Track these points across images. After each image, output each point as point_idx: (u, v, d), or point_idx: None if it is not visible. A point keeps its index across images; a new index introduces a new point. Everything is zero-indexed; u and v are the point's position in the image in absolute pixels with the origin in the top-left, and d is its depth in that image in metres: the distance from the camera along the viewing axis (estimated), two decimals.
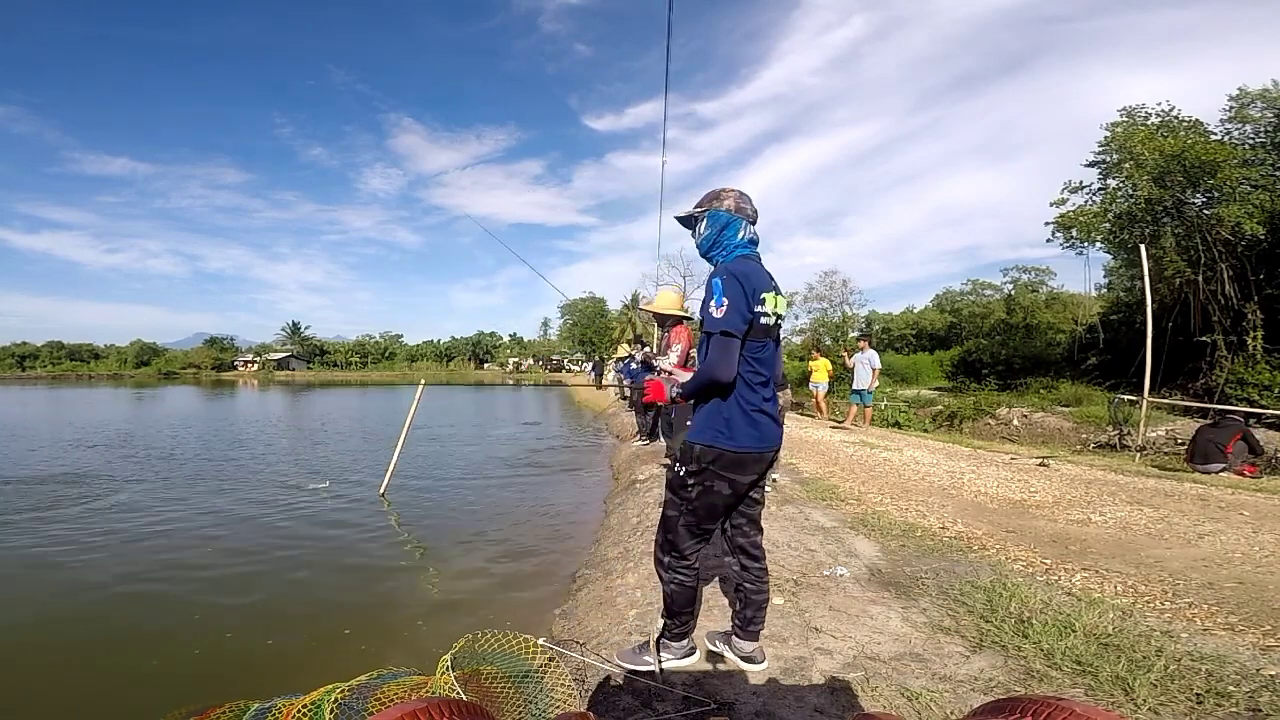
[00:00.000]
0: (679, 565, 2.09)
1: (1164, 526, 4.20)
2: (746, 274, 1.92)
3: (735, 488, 2.00)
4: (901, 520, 4.32)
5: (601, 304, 58.38)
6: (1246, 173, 14.26)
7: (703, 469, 1.97)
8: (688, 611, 2.19)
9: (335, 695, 1.80)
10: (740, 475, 1.98)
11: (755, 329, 1.93)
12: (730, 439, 1.93)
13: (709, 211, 2.07)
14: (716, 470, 1.96)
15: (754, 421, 1.95)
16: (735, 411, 1.94)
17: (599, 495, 6.87)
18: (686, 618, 2.21)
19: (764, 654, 2.26)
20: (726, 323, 1.85)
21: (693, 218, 2.13)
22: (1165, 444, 9.92)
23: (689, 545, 2.07)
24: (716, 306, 1.86)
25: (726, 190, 2.09)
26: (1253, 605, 2.73)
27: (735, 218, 2.05)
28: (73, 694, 2.83)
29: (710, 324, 1.89)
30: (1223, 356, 14.86)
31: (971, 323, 36.00)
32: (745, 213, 2.06)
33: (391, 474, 6.92)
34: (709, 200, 2.09)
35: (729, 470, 1.96)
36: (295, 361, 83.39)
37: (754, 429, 1.95)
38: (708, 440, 1.96)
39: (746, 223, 2.06)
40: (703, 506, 2.01)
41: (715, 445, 1.95)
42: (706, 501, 2.00)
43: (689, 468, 2.00)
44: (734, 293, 1.86)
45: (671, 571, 2.10)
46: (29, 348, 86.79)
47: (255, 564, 4.59)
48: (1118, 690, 1.99)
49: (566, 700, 2.04)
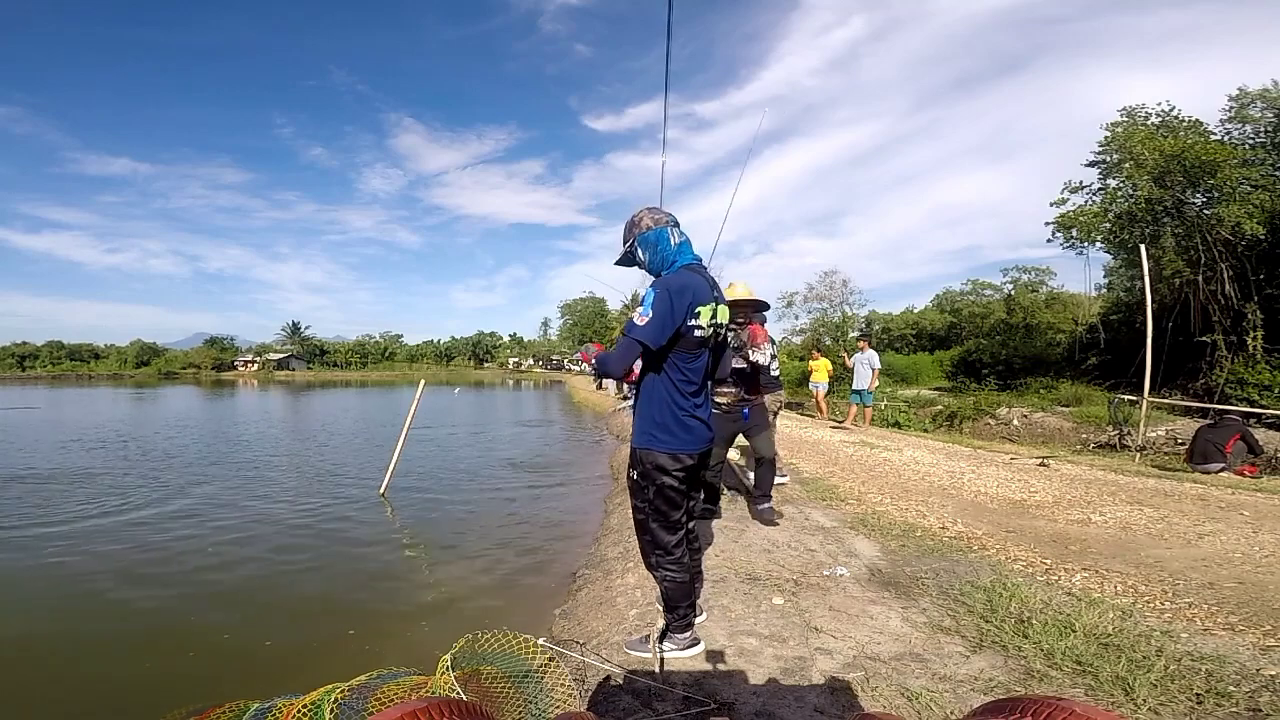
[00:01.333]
0: (666, 561, 2.25)
1: (1164, 526, 4.20)
2: (683, 288, 2.04)
3: (681, 479, 2.19)
4: (901, 520, 4.32)
5: (601, 304, 58.35)
6: (1246, 173, 14.26)
7: (647, 469, 2.16)
8: (686, 604, 2.32)
9: (335, 695, 1.81)
10: (681, 470, 2.17)
11: (687, 341, 2.08)
12: (664, 442, 2.13)
13: (637, 239, 2.20)
14: (659, 467, 2.15)
15: (686, 426, 2.14)
16: (669, 417, 2.13)
17: (599, 495, 6.87)
18: (685, 610, 2.33)
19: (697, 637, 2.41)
20: (642, 333, 2.01)
21: (630, 254, 2.25)
22: (1165, 444, 9.92)
23: (667, 538, 2.24)
24: (641, 315, 2.02)
25: (637, 214, 2.22)
26: (1253, 605, 2.73)
27: (658, 229, 2.17)
28: (73, 694, 2.83)
29: (630, 328, 2.05)
30: (1223, 356, 14.85)
31: (971, 323, 36.00)
32: (662, 220, 2.18)
33: (391, 473, 6.92)
34: (629, 230, 2.23)
35: (670, 466, 2.15)
36: (295, 361, 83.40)
37: (686, 433, 2.15)
38: (646, 444, 2.16)
39: (670, 227, 2.18)
40: (661, 501, 2.19)
41: (652, 449, 2.15)
42: (663, 496, 2.19)
43: (638, 470, 2.19)
44: (663, 308, 2.00)
45: (662, 569, 2.26)
46: (29, 348, 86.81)
47: (255, 564, 4.59)
48: (1118, 690, 1.99)
49: (566, 700, 2.04)
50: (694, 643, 2.36)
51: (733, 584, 3.09)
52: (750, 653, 2.36)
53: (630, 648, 2.42)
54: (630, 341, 2.03)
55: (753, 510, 4.39)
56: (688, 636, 2.35)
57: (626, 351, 2.05)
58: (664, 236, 2.16)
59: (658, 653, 2.31)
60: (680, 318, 2.03)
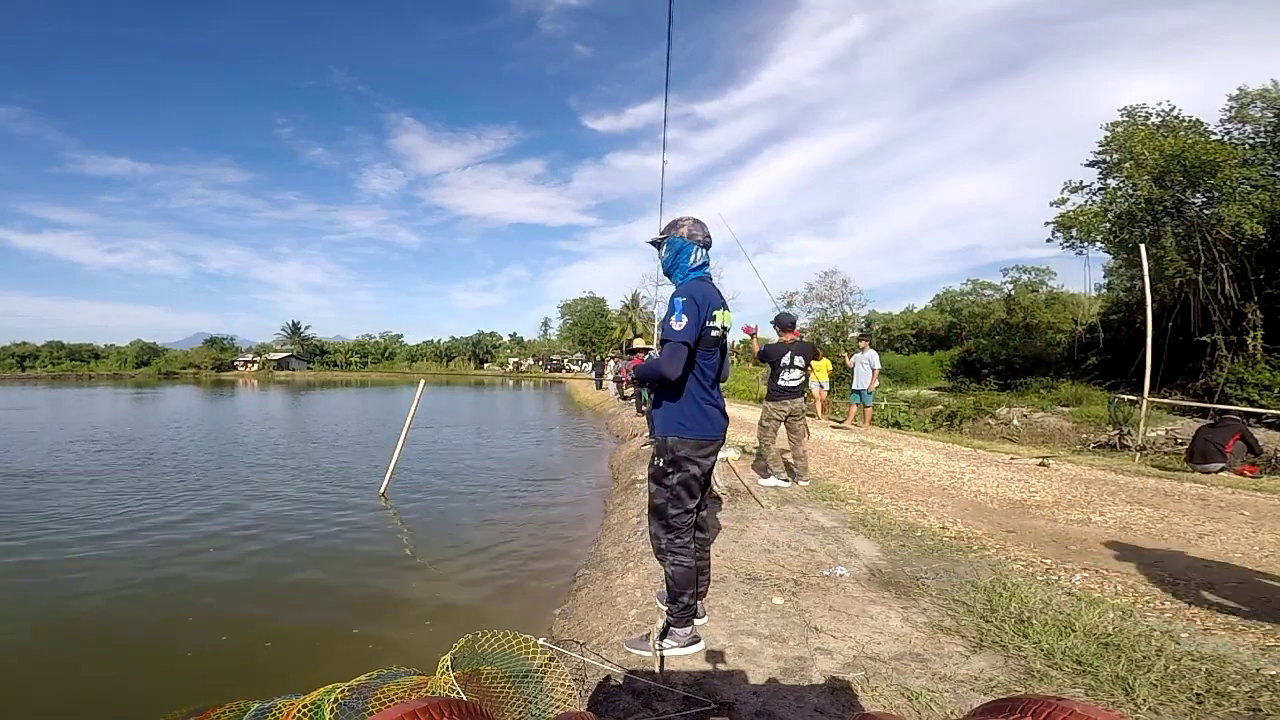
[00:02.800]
0: (676, 546, 2.39)
1: (1164, 526, 4.20)
2: (703, 295, 2.31)
3: (702, 467, 2.39)
4: (901, 520, 4.32)
5: (601, 304, 58.31)
6: (1246, 173, 14.26)
7: (675, 458, 2.34)
8: (690, 593, 2.40)
9: (335, 695, 1.80)
10: (703, 457, 2.37)
11: (706, 340, 2.33)
12: (690, 430, 2.34)
13: (669, 238, 2.48)
14: (686, 456, 2.34)
15: (706, 414, 2.37)
16: (692, 407, 2.35)
17: (599, 495, 6.87)
18: (688, 601, 2.40)
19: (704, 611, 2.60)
20: (683, 335, 2.24)
21: (659, 242, 2.54)
22: (1165, 444, 9.93)
23: (679, 525, 2.40)
24: (677, 320, 2.26)
25: (684, 219, 2.48)
26: (1253, 605, 2.73)
27: (688, 244, 2.44)
28: (73, 695, 2.84)
29: (669, 334, 2.28)
30: (1223, 356, 14.86)
31: (971, 323, 36.01)
32: (696, 239, 2.45)
33: (391, 474, 6.92)
34: (670, 228, 2.49)
35: (695, 454, 2.35)
36: (295, 361, 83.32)
37: (707, 420, 2.37)
38: (674, 433, 2.36)
39: (698, 248, 2.45)
40: (682, 488, 2.38)
41: (680, 436, 2.35)
42: (686, 483, 2.37)
43: (665, 458, 2.37)
44: (691, 312, 2.25)
45: (671, 554, 2.39)
46: (29, 348, 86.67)
47: (254, 565, 4.59)
48: (1118, 690, 1.99)
49: (566, 700, 2.04)
50: (694, 640, 2.41)
51: (733, 584, 3.09)
52: (750, 653, 2.36)
53: (631, 646, 2.47)
54: (675, 345, 2.26)
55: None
56: (688, 633, 2.41)
57: (676, 354, 2.25)
58: (688, 250, 2.43)
59: (658, 650, 2.34)
60: (704, 319, 2.29)
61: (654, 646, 2.36)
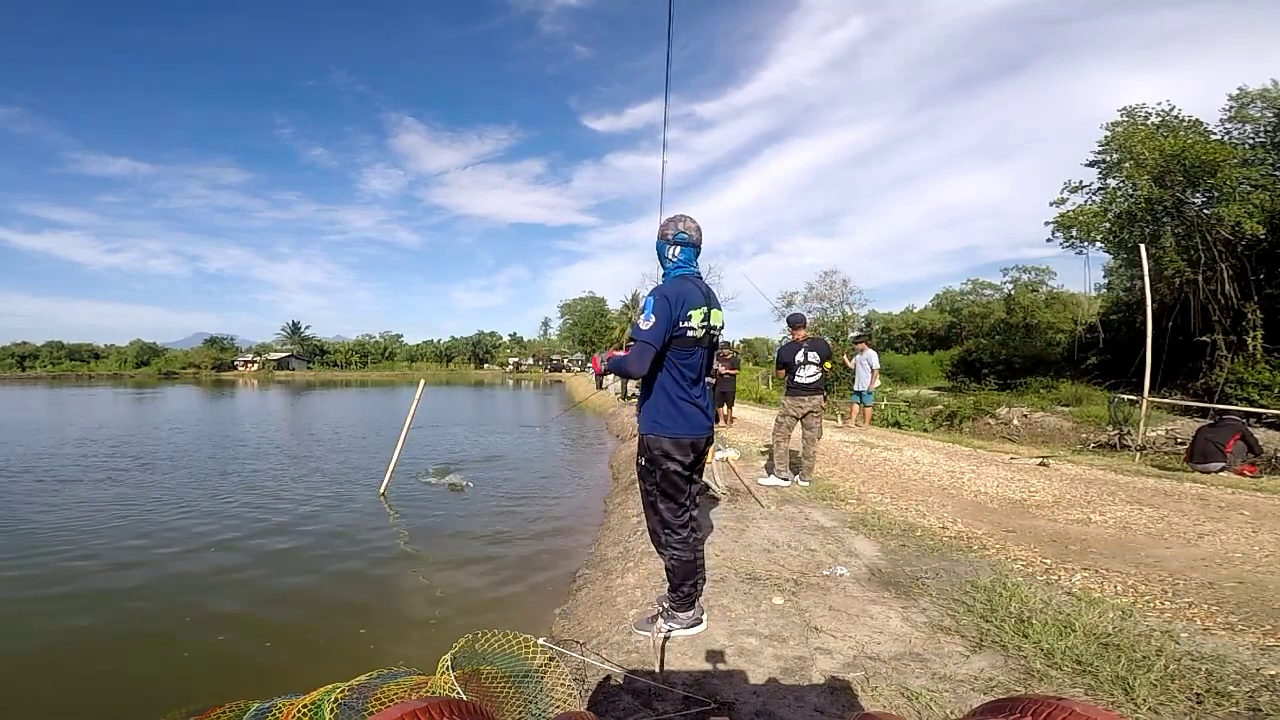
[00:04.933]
0: (673, 539, 2.44)
1: (1164, 526, 4.20)
2: (677, 295, 2.32)
3: (682, 464, 2.41)
4: (901, 520, 4.32)
5: (601, 304, 58.28)
6: (1246, 172, 14.26)
7: (653, 455, 2.39)
8: (690, 582, 2.47)
9: (335, 695, 1.80)
10: (682, 454, 2.39)
11: (683, 340, 2.33)
12: (666, 427, 2.38)
13: (656, 241, 2.57)
14: (664, 453, 2.38)
15: (684, 413, 2.38)
16: (669, 406, 2.38)
17: (599, 495, 6.87)
18: (689, 589, 2.47)
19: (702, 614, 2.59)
20: (648, 335, 2.27)
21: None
22: (1165, 444, 9.93)
23: (673, 518, 2.45)
24: (645, 320, 2.29)
25: (668, 219, 2.53)
26: (1253, 605, 2.73)
27: (660, 242, 2.51)
28: (73, 695, 2.84)
29: (637, 333, 2.32)
30: (1223, 356, 14.86)
31: (971, 323, 36.02)
32: (666, 236, 2.49)
33: (391, 473, 6.92)
34: (661, 229, 2.55)
35: (673, 451, 2.38)
36: (295, 361, 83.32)
37: (685, 419, 2.38)
38: (652, 431, 2.40)
39: (671, 245, 2.48)
40: (667, 484, 2.42)
41: (657, 434, 2.38)
42: (668, 479, 2.41)
43: (646, 456, 2.42)
44: (662, 311, 2.27)
45: (669, 547, 2.45)
46: (29, 348, 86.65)
47: (254, 565, 4.59)
48: (1118, 690, 1.99)
49: (566, 700, 2.04)
50: (696, 621, 2.52)
51: (733, 584, 3.09)
52: (750, 652, 2.36)
53: (639, 627, 2.57)
54: (641, 344, 2.29)
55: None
56: (690, 615, 2.51)
57: (642, 353, 2.29)
58: (662, 247, 2.50)
59: (662, 631, 2.44)
60: (677, 318, 2.29)
61: (657, 629, 2.45)
